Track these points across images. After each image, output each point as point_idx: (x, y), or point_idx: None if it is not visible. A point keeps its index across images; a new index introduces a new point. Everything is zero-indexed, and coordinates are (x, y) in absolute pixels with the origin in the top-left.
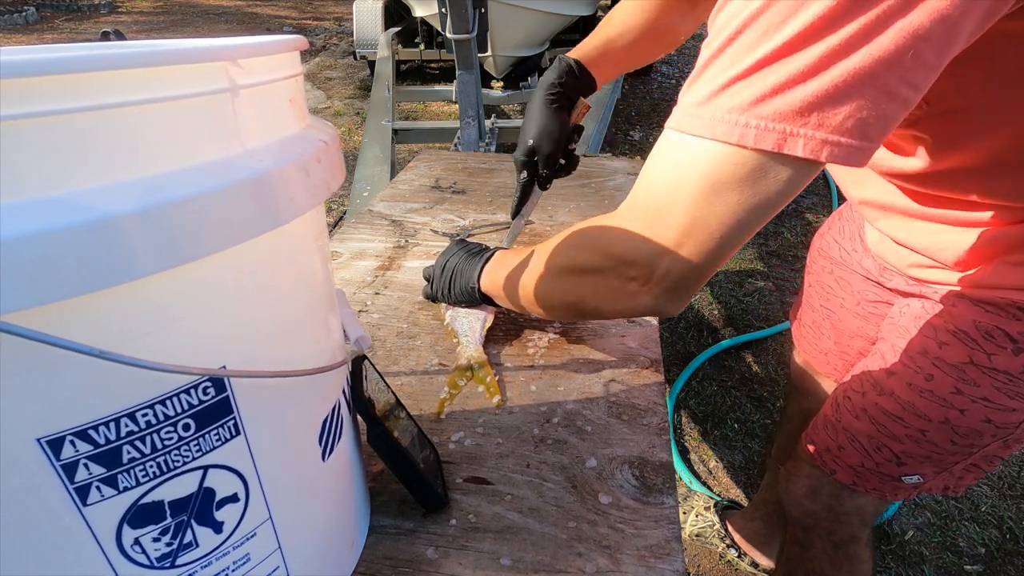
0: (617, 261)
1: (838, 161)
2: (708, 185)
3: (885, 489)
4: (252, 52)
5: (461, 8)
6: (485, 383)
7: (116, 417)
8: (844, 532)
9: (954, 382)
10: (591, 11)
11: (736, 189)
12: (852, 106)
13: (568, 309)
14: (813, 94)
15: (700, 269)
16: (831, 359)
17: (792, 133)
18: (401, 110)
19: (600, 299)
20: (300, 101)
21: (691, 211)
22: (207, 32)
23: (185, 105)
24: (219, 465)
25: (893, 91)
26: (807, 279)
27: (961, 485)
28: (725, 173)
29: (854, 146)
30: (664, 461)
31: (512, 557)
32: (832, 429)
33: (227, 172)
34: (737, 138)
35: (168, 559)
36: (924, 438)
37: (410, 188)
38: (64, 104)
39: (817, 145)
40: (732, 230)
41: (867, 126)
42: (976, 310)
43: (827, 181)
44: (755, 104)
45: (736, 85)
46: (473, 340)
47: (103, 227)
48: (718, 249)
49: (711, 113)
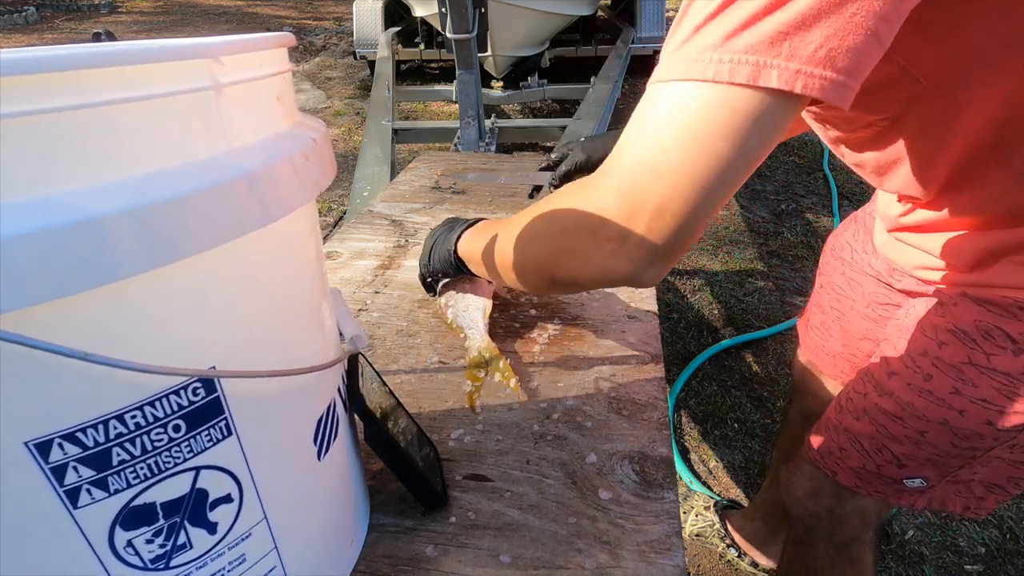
0: (593, 221)
1: (814, 93)
2: (688, 131)
3: (888, 492)
4: (234, 49)
5: (461, 8)
6: (500, 370)
7: (104, 419)
8: (846, 533)
9: (953, 382)
10: (591, 11)
11: (716, 132)
12: (822, 35)
13: (540, 275)
14: (783, 23)
15: (684, 230)
16: (838, 361)
17: (766, 64)
18: (401, 110)
19: (574, 262)
20: (288, 98)
21: (676, 163)
22: (207, 32)
23: (168, 103)
24: (211, 466)
25: (862, 21)
26: (818, 280)
27: (983, 506)
28: (704, 115)
29: (828, 78)
30: (664, 456)
31: (512, 554)
32: (834, 430)
33: (213, 170)
34: (712, 74)
35: (162, 561)
36: (924, 439)
37: (410, 188)
38: (46, 103)
39: (791, 75)
40: (718, 180)
41: (837, 56)
42: (978, 309)
43: (827, 181)
44: (727, 39)
45: (708, 24)
46: (479, 331)
47: (88, 227)
48: (704, 204)
49: (685, 55)
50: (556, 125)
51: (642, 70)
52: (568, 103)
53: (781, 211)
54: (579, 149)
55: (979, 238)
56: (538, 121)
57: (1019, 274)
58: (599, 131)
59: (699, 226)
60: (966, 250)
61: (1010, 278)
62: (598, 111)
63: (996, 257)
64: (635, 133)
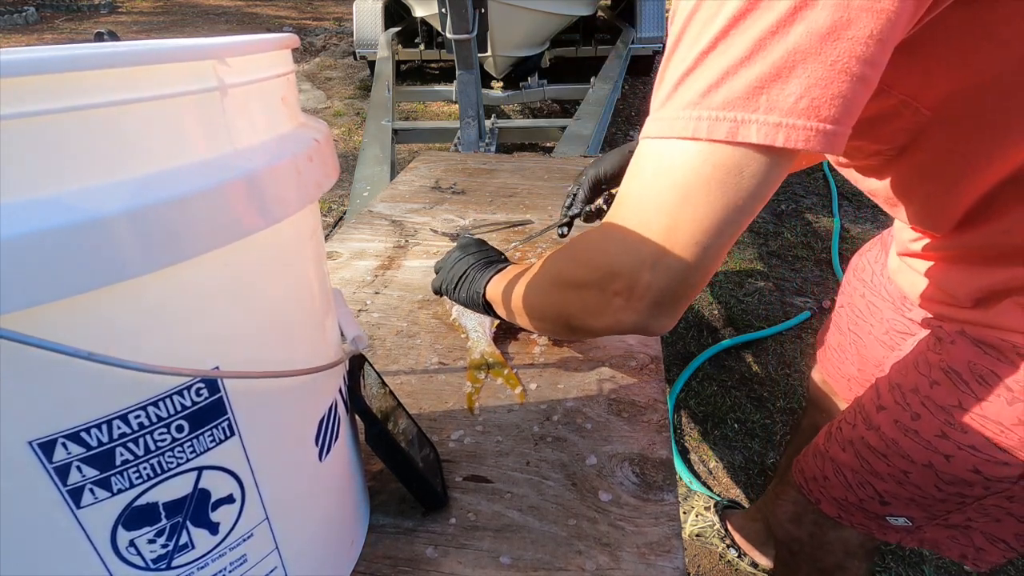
0: (601, 274)
1: (799, 146)
2: (677, 189)
3: (871, 526)
4: (240, 50)
5: (461, 8)
6: (503, 376)
7: (108, 419)
8: (829, 560)
9: (941, 425)
10: (591, 11)
11: (704, 189)
12: (801, 86)
13: (557, 324)
14: (758, 77)
15: (684, 282)
16: (853, 385)
17: (744, 120)
18: (401, 110)
19: (587, 314)
20: (292, 99)
21: (665, 219)
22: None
23: (173, 104)
24: (214, 466)
25: (844, 67)
26: (839, 299)
27: (983, 558)
28: (690, 173)
29: (813, 128)
30: (664, 458)
31: (512, 555)
32: (820, 458)
33: (217, 171)
34: (691, 132)
35: (164, 561)
36: (907, 480)
37: (410, 189)
38: (51, 104)
39: (771, 130)
40: (709, 235)
41: (821, 105)
42: (974, 350)
43: (827, 181)
44: (704, 96)
45: (687, 80)
46: (484, 335)
47: (92, 227)
48: (700, 258)
49: (668, 113)
50: (556, 125)
51: (642, 70)
52: (568, 103)
53: (781, 211)
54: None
55: (983, 274)
56: (538, 121)
57: (1022, 316)
58: (599, 131)
59: (700, 277)
60: (969, 285)
61: (1012, 320)
62: (598, 111)
63: (999, 296)
64: (629, 188)
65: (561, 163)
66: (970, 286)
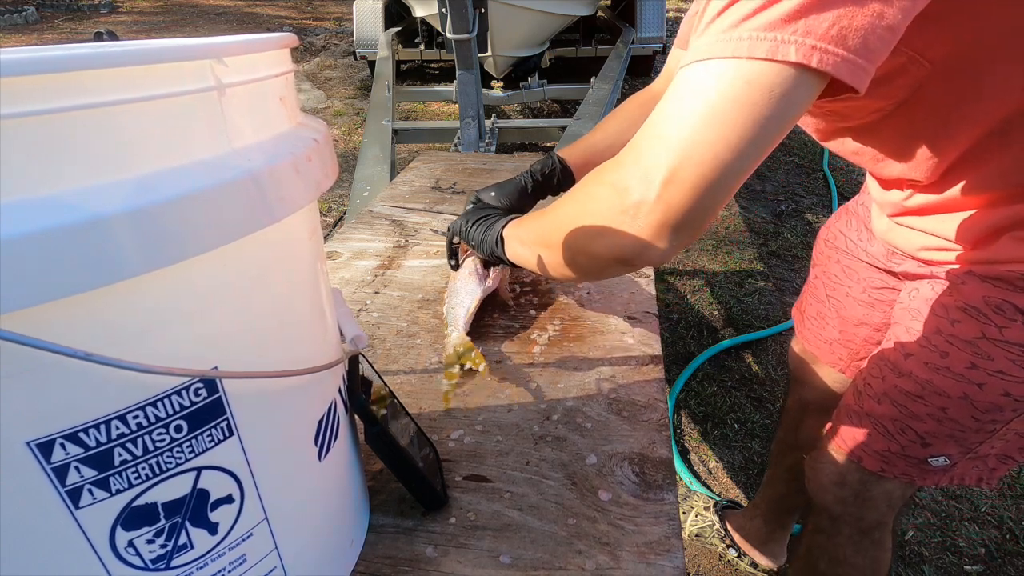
0: (613, 188)
1: (829, 69)
2: (707, 104)
3: (913, 473)
4: (238, 50)
5: (461, 8)
6: (471, 359)
7: (106, 419)
8: (872, 518)
9: (969, 357)
10: (591, 11)
11: (733, 105)
12: (834, 15)
13: (565, 249)
14: (798, 3)
15: (697, 201)
16: (835, 348)
17: (783, 40)
18: (401, 110)
19: (592, 231)
20: (291, 99)
21: (688, 132)
22: (207, 32)
23: (171, 104)
24: (213, 466)
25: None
26: (813, 271)
27: (994, 476)
28: (722, 90)
29: (840, 55)
30: (664, 457)
31: (512, 555)
32: (855, 416)
33: (215, 171)
34: (732, 51)
35: (163, 561)
36: (946, 416)
37: (410, 189)
38: (50, 103)
39: (808, 50)
40: (732, 152)
41: (847, 35)
42: (985, 286)
43: (827, 181)
44: (746, 19)
45: (728, 11)
46: (457, 327)
47: (91, 227)
48: (717, 175)
49: (708, 39)
50: (556, 125)
51: (642, 70)
52: (568, 103)
53: (781, 211)
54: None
55: (981, 217)
56: (538, 121)
57: (1020, 248)
58: None
59: (712, 201)
60: (970, 229)
61: (1012, 252)
62: (598, 111)
63: (997, 234)
64: (656, 112)
65: None
66: (970, 230)
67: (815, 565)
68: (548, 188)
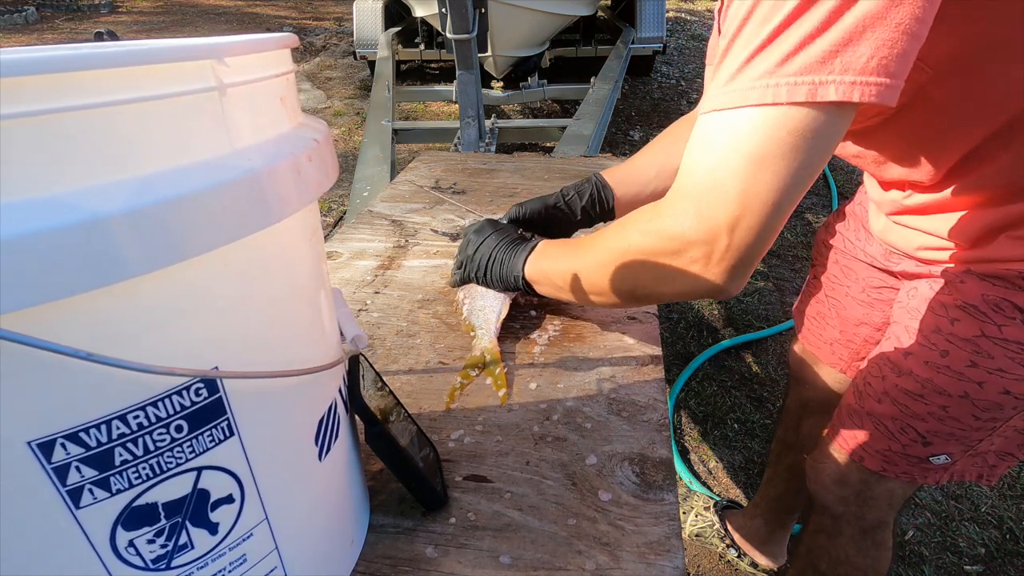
0: (677, 242)
1: (871, 100)
2: (753, 155)
3: (915, 472)
4: (239, 50)
5: (461, 8)
6: (494, 375)
7: (107, 419)
8: (873, 517)
9: (969, 356)
10: (591, 11)
11: (779, 152)
12: (871, 47)
13: (625, 295)
14: (832, 43)
15: (759, 242)
16: (836, 348)
17: (822, 82)
18: (401, 110)
19: (660, 283)
20: (292, 99)
21: (741, 184)
22: (207, 32)
23: (172, 104)
24: (213, 466)
25: (905, 28)
26: (812, 271)
27: (995, 473)
28: (766, 138)
29: (883, 84)
30: (664, 457)
31: (512, 555)
32: (856, 416)
33: (216, 171)
34: (771, 98)
35: (163, 561)
36: (947, 414)
37: (410, 188)
38: (50, 104)
39: (848, 88)
40: (783, 195)
41: (888, 63)
42: (983, 284)
43: (827, 181)
44: (781, 64)
45: (760, 55)
46: (488, 332)
47: (92, 227)
48: (773, 218)
49: (741, 85)
50: (556, 125)
51: (642, 70)
52: (568, 103)
53: None
54: None
55: (979, 216)
56: (538, 121)
57: (1017, 247)
58: (599, 131)
59: (772, 236)
60: (968, 228)
61: (1009, 251)
62: (598, 111)
63: (995, 233)
64: (697, 159)
65: (561, 163)
66: (968, 229)
67: (816, 565)
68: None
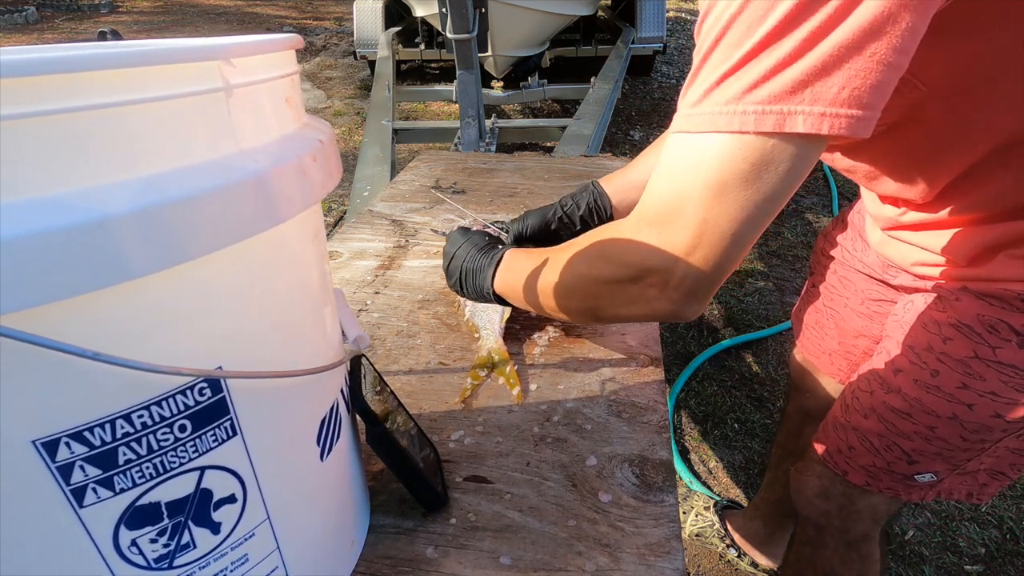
0: (634, 269)
1: (841, 132)
2: (714, 183)
3: (899, 488)
4: (246, 51)
5: (461, 8)
6: (505, 374)
7: (111, 419)
8: (857, 531)
9: (960, 377)
10: (591, 11)
11: (741, 182)
12: (844, 77)
13: (586, 314)
14: (804, 72)
15: (716, 271)
16: (835, 359)
17: (790, 112)
18: (401, 110)
19: (619, 306)
20: (296, 100)
21: (701, 213)
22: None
23: (179, 105)
24: (216, 466)
25: (881, 58)
26: (810, 280)
27: (986, 492)
28: (729, 167)
29: (854, 116)
30: (664, 459)
31: (512, 556)
32: (842, 430)
33: (222, 172)
34: (738, 126)
35: (166, 560)
36: (933, 435)
37: (410, 188)
38: (57, 104)
39: (816, 119)
40: (744, 226)
41: (861, 94)
42: (979, 303)
43: (827, 181)
44: (749, 91)
45: (729, 79)
46: (493, 333)
47: (98, 227)
48: (732, 248)
49: (708, 109)
50: (556, 125)
51: (642, 70)
52: (568, 103)
53: (781, 211)
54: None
55: (976, 234)
56: (538, 121)
57: (1017, 267)
58: (599, 131)
59: (732, 265)
60: (964, 246)
61: (1008, 271)
62: (598, 111)
63: (994, 251)
64: (661, 182)
65: (561, 163)
66: (965, 246)
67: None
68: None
